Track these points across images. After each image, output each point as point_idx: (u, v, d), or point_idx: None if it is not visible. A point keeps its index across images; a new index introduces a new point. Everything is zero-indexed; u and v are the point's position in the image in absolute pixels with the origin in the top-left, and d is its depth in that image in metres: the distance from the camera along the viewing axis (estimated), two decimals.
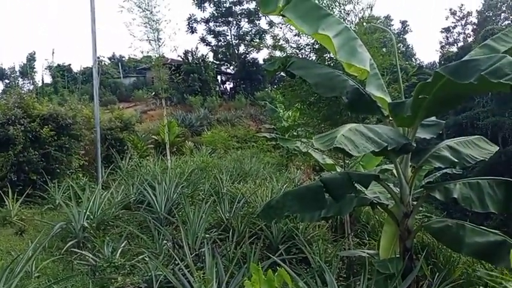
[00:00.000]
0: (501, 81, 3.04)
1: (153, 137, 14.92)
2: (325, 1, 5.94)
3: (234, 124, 28.34)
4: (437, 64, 49.96)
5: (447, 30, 53.53)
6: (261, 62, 37.63)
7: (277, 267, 6.51)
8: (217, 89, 38.98)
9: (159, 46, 12.74)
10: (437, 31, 67.47)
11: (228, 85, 45.15)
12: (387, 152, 4.72)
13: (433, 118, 5.35)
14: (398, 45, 57.54)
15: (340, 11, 6.06)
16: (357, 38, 4.75)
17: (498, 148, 5.16)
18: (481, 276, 5.60)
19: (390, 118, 4.79)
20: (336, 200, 4.24)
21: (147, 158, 12.40)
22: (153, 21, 12.38)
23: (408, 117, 4.46)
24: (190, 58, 35.08)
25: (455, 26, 53.06)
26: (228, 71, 43.83)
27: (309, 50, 6.42)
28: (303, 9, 4.70)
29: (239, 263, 5.11)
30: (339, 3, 6.01)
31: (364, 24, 6.42)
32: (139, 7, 12.20)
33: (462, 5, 62.23)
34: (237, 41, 40.38)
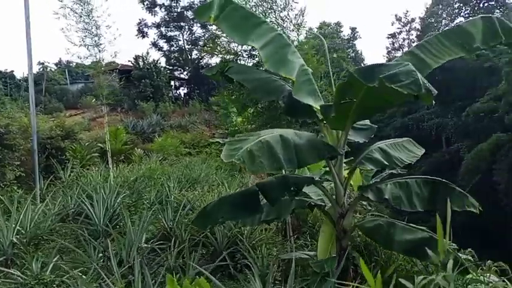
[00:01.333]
0: (393, 86, 3.21)
1: (99, 145, 14.52)
2: (259, 8, 6.03)
3: (188, 130, 28.08)
4: None
5: (393, 36, 55.77)
6: None
7: (222, 273, 6.45)
8: (171, 94, 38.51)
9: (100, 51, 12.37)
10: (385, 37, 70.07)
11: (182, 90, 44.71)
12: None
13: (366, 122, 5.54)
14: (348, 50, 59.39)
15: (276, 17, 6.16)
16: (290, 45, 4.84)
17: (424, 151, 5.41)
18: (418, 270, 5.83)
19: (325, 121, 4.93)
20: (271, 204, 4.28)
21: (91, 167, 11.99)
22: (92, 26, 12.03)
23: (338, 120, 4.60)
24: (141, 63, 34.42)
25: (401, 31, 55.40)
26: (182, 76, 43.44)
27: (247, 55, 6.51)
28: (235, 19, 4.74)
29: (179, 273, 5.04)
30: (274, 10, 6.11)
31: (299, 30, 6.53)
32: (76, 13, 11.82)
33: (407, 11, 65.08)
34: (190, 46, 40.13)
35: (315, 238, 7.91)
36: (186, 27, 39.44)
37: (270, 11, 6.04)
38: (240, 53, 6.25)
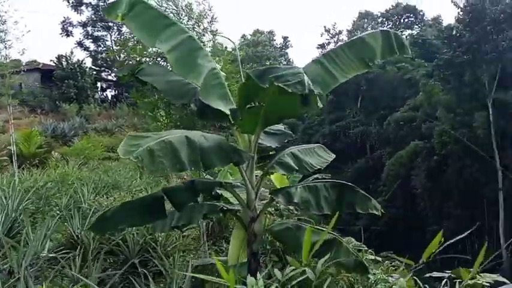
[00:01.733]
0: (280, 84, 3.32)
1: (9, 147, 13.45)
2: (170, 9, 5.92)
3: (113, 133, 27.05)
4: None
5: (322, 46, 57.99)
6: None
7: (135, 281, 6.19)
8: (97, 96, 36.94)
9: (6, 48, 11.48)
10: (315, 47, 72.48)
11: (110, 92, 43.09)
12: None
13: (280, 127, 5.62)
14: (280, 58, 60.68)
15: (189, 21, 6.09)
16: (201, 48, 4.78)
17: (334, 156, 5.58)
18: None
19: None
20: (177, 209, 4.17)
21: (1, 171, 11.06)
22: None
23: (248, 124, 4.61)
24: (64, 63, 32.69)
25: (329, 42, 57.76)
26: (110, 77, 41.87)
27: (156, 57, 6.38)
28: (145, 18, 4.59)
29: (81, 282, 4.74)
30: (188, 14, 6.04)
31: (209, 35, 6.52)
32: None
33: (335, 23, 68.03)
34: (118, 47, 38.78)
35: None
36: (115, 27, 38.15)
37: (182, 13, 5.96)
38: (162, 55, 6.11)
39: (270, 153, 5.22)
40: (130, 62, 6.62)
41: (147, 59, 6.49)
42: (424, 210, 37.28)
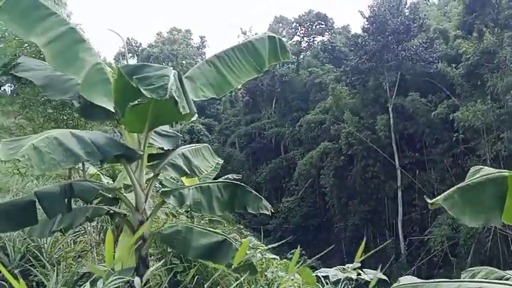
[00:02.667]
0: (140, 87, 3.23)
1: None
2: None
3: (13, 133, 24.74)
4: None
5: None
6: None
7: None
8: None
9: None
10: None
11: (8, 87, 39.45)
12: (117, 160, 4.65)
13: (170, 129, 5.49)
14: (197, 58, 60.03)
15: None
16: (84, 41, 4.49)
17: (222, 161, 5.58)
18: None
19: None
20: (48, 217, 3.85)
21: None
22: None
23: (135, 123, 4.43)
24: None
25: None
26: None
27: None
28: (20, 8, 4.20)
29: None
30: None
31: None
32: None
33: (252, 25, 69.32)
34: None
35: None
36: None
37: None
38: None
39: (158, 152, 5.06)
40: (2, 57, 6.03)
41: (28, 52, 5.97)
42: (332, 207, 39.28)
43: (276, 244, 7.57)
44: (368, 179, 35.55)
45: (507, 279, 3.67)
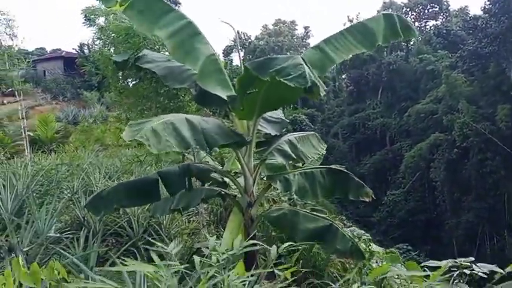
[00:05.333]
0: (281, 79, 3.31)
1: (29, 133, 13.88)
2: None
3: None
4: None
5: None
6: None
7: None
8: (118, 84, 37.45)
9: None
10: None
11: (131, 82, 43.54)
12: (228, 146, 4.94)
13: (279, 115, 5.65)
14: (302, 49, 60.10)
15: None
16: (200, 34, 4.83)
17: (325, 147, 5.58)
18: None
19: None
20: (170, 194, 4.27)
21: (17, 155, 11.41)
22: None
23: (245, 111, 4.66)
24: (86, 51, 33.21)
25: None
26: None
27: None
28: (142, 6, 4.65)
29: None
30: None
31: None
32: None
33: (359, 13, 66.81)
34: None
35: None
36: None
37: None
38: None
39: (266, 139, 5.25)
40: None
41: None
42: (443, 203, 36.73)
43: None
44: (486, 173, 32.48)
45: None
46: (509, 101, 32.10)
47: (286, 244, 3.37)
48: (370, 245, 6.89)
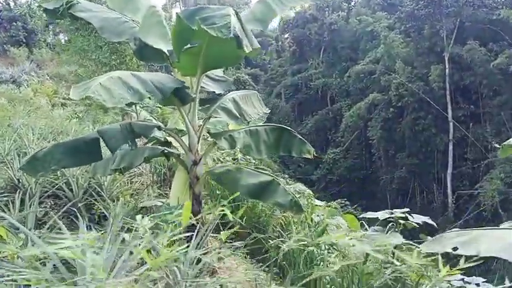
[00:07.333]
0: (205, 27, 3.26)
1: None
2: None
3: (67, 80, 25.90)
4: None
5: None
6: None
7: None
8: (49, 40, 34.91)
9: None
10: None
11: (63, 37, 40.75)
12: (172, 102, 4.82)
13: (222, 74, 5.57)
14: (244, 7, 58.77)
15: None
16: None
17: (269, 111, 5.62)
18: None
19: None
20: (111, 151, 4.13)
21: None
22: None
23: (188, 67, 4.54)
24: (12, 4, 30.49)
25: None
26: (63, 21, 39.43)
27: None
28: None
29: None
30: None
31: None
32: None
33: None
34: None
35: None
36: None
37: None
38: None
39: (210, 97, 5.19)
40: None
41: None
42: (379, 160, 38.81)
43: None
44: (418, 131, 34.53)
45: None
46: (442, 62, 33.83)
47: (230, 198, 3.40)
48: (311, 200, 7.21)
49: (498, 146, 2.86)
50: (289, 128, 5.01)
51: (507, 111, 31.72)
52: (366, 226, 5.49)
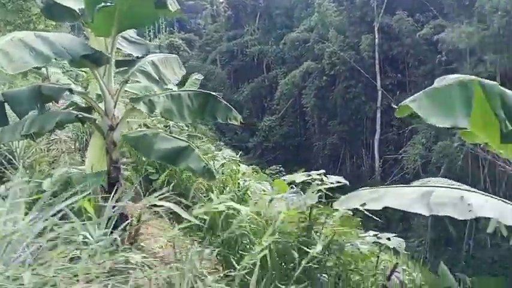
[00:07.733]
0: None
1: None
2: None
3: None
4: None
5: None
6: None
7: None
8: None
9: None
10: None
11: None
12: (85, 64, 4.56)
13: (138, 37, 5.34)
14: None
15: None
16: None
17: (201, 77, 5.52)
18: None
19: None
20: (18, 116, 3.85)
21: None
22: None
23: (102, 27, 4.27)
24: None
25: None
26: None
27: None
28: None
29: None
30: None
31: None
32: None
33: None
34: None
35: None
36: None
37: None
38: None
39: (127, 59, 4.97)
40: None
41: None
42: (312, 127, 40.00)
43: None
44: (349, 99, 35.86)
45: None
46: (372, 32, 34.97)
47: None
48: (239, 166, 7.31)
49: (395, 107, 3.00)
50: (214, 94, 4.94)
51: (431, 80, 33.48)
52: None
